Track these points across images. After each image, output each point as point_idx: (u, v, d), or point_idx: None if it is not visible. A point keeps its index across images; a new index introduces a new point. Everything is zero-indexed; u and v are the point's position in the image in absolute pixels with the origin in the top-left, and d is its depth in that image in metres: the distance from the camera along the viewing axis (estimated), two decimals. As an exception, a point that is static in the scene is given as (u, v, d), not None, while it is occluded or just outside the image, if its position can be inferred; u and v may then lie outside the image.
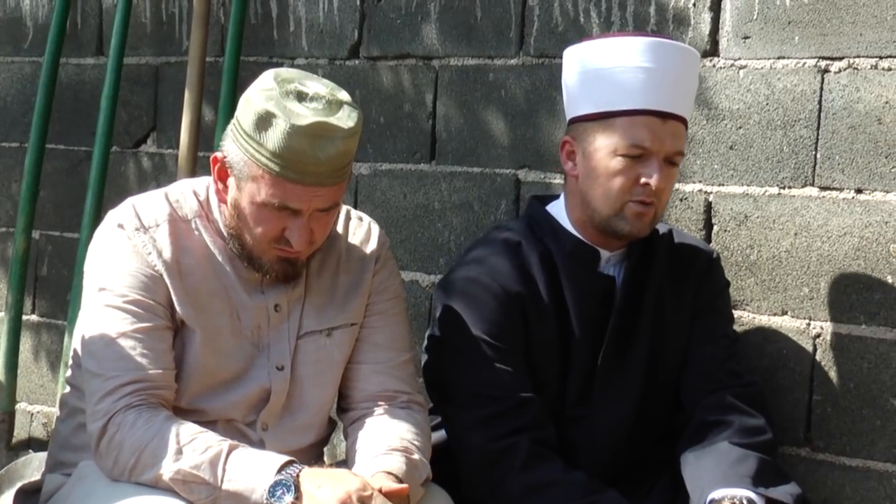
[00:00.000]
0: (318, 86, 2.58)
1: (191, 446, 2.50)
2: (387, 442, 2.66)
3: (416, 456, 2.65)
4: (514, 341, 2.91)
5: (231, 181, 2.63)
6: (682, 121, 2.91)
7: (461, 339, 2.91)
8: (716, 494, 2.76)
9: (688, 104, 2.96)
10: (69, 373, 2.81)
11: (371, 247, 2.86)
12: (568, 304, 2.96)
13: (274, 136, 2.51)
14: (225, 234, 2.70)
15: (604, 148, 2.86)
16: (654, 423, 3.05)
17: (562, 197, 3.04)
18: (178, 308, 2.65)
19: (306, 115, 2.51)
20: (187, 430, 2.53)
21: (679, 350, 3.05)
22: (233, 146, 2.60)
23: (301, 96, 2.55)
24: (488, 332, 2.89)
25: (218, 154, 2.64)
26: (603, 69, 2.88)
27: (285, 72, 2.62)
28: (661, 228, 3.08)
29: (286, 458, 2.50)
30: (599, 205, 2.90)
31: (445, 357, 2.95)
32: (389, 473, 2.56)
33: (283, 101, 2.52)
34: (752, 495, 2.75)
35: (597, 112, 2.88)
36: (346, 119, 2.55)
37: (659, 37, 3.04)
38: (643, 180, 2.84)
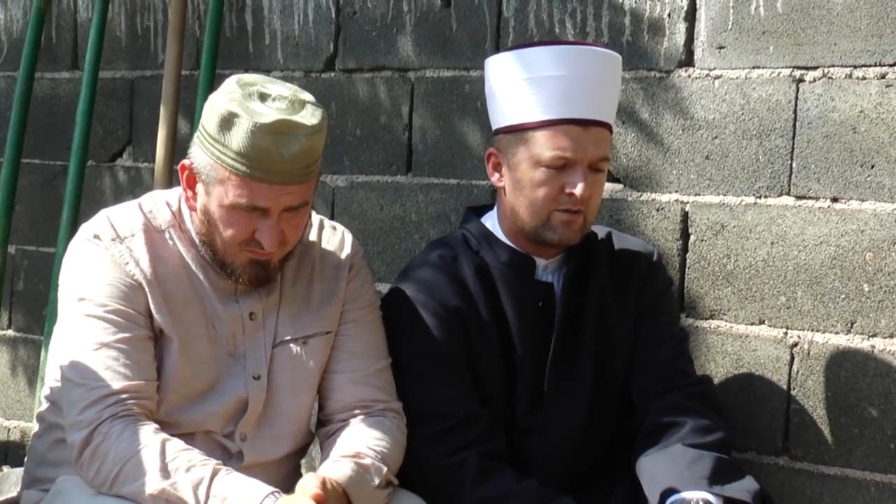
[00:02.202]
0: (280, 88, 2.60)
1: (174, 464, 2.49)
2: (339, 451, 2.66)
3: (366, 460, 2.64)
4: (456, 357, 2.91)
5: (199, 187, 2.63)
6: (606, 126, 2.90)
7: (404, 359, 2.90)
8: (673, 498, 2.76)
9: (610, 109, 2.94)
10: (46, 389, 2.79)
11: (345, 255, 2.86)
12: (507, 315, 2.96)
13: (238, 136, 2.51)
14: (197, 241, 2.69)
15: (526, 160, 2.86)
16: (607, 428, 3.04)
17: (496, 207, 3.04)
18: (156, 317, 2.64)
19: (269, 113, 2.52)
20: (173, 447, 2.52)
21: (626, 353, 3.04)
22: (199, 151, 2.60)
23: (263, 97, 2.56)
24: (429, 350, 2.89)
25: (185, 161, 2.65)
26: (520, 80, 2.88)
27: (248, 76, 2.64)
28: (600, 232, 3.08)
29: (268, 489, 2.48)
30: (526, 215, 2.90)
31: None
32: (324, 476, 2.54)
33: (246, 101, 2.53)
34: (710, 497, 2.74)
35: (517, 124, 2.88)
36: (309, 116, 2.56)
37: (574, 43, 3.04)
38: (568, 190, 2.84)
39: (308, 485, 2.49)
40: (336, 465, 2.62)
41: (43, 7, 4.42)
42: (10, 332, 4.66)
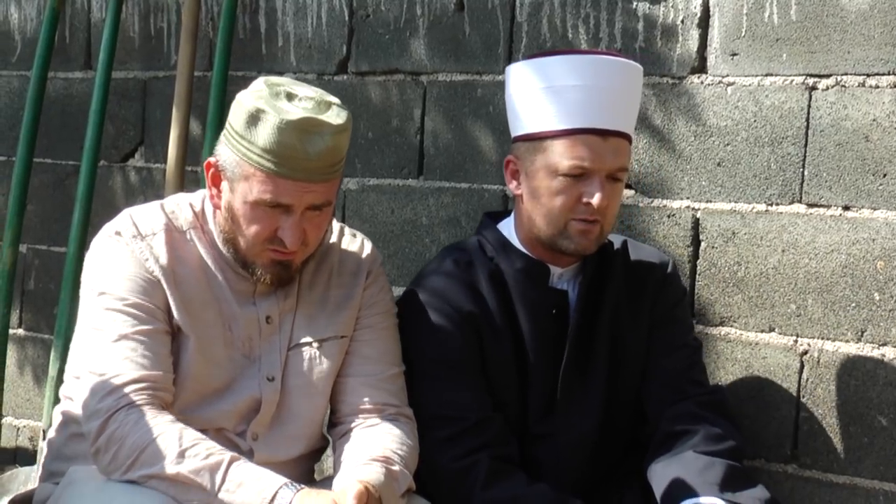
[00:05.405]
0: (307, 90, 2.64)
1: (193, 450, 2.51)
2: (368, 452, 2.67)
3: (395, 467, 2.65)
4: (469, 361, 2.92)
5: (224, 185, 2.66)
6: (625, 136, 2.90)
7: (418, 362, 2.92)
8: (686, 503, 2.76)
9: (630, 119, 2.94)
10: (65, 385, 2.82)
11: (363, 261, 2.88)
12: (521, 322, 2.97)
13: (264, 132, 2.55)
14: (219, 241, 2.73)
15: (545, 168, 2.86)
16: (618, 437, 3.05)
17: (513, 214, 3.05)
18: (174, 314, 2.67)
19: (296, 111, 2.56)
20: (190, 435, 2.55)
21: (639, 362, 3.05)
22: (225, 149, 2.64)
23: (290, 96, 2.61)
24: (443, 354, 2.90)
25: (211, 159, 2.68)
26: (540, 88, 2.88)
27: (275, 78, 2.68)
28: (616, 241, 3.08)
29: (284, 480, 2.51)
30: (543, 224, 2.90)
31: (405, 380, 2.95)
32: (366, 483, 2.55)
33: (273, 100, 2.58)
34: (720, 502, 2.75)
35: (536, 132, 2.88)
36: (334, 116, 2.59)
37: (594, 53, 3.03)
38: (585, 199, 2.84)
39: (350, 489, 2.49)
40: (369, 469, 2.61)
41: (57, 7, 4.43)
42: (21, 332, 4.67)
